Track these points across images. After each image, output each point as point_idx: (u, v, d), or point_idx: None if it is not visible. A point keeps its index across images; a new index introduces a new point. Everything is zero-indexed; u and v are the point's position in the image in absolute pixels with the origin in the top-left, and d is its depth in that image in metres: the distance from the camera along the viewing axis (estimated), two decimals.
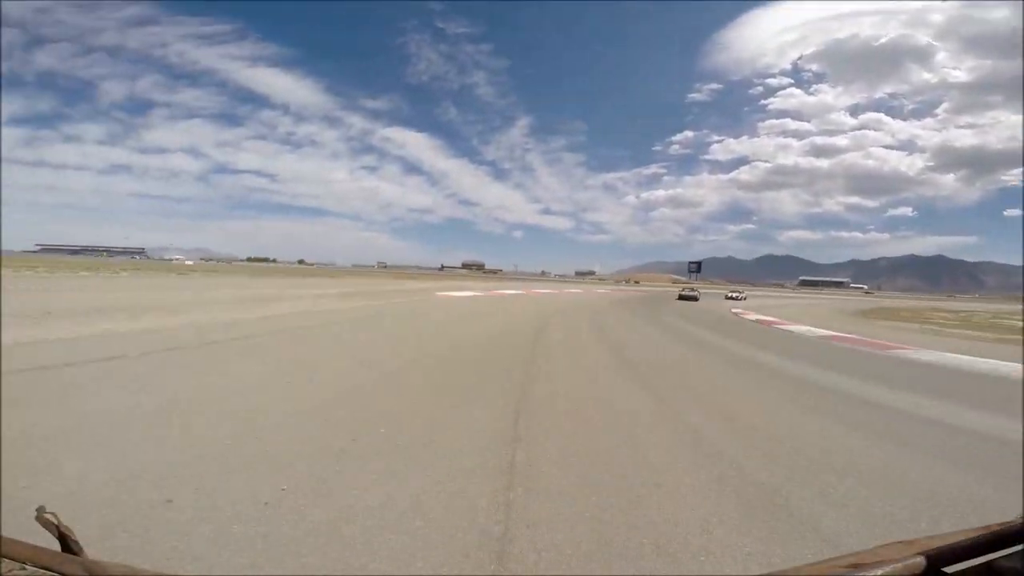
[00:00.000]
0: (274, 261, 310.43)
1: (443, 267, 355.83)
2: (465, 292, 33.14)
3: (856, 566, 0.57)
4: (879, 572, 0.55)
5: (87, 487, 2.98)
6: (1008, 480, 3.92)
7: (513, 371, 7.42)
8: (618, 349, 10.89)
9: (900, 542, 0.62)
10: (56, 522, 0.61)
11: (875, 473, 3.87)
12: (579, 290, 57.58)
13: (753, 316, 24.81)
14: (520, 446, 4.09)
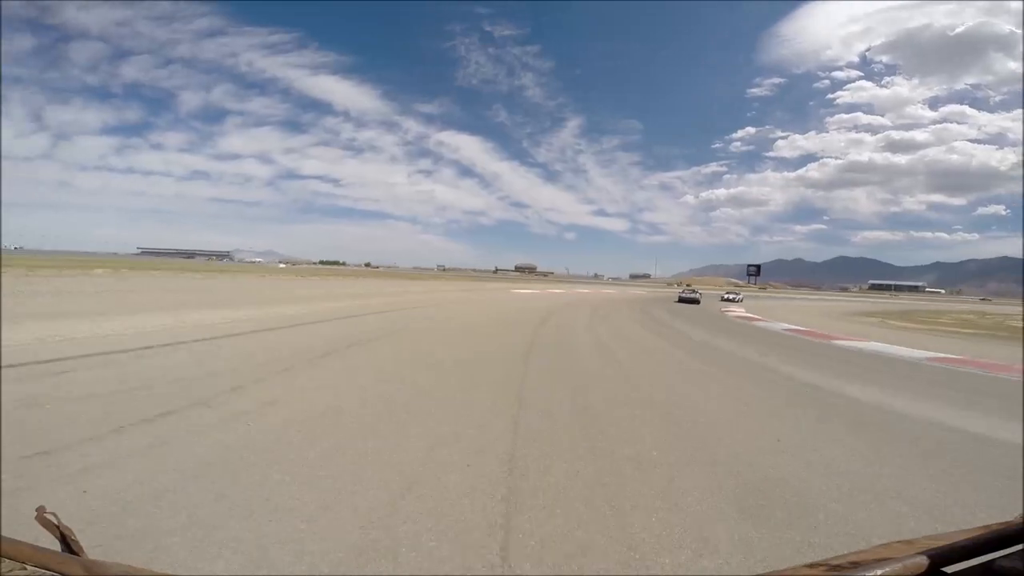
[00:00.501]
0: (343, 263, 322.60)
1: (497, 270, 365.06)
2: (527, 290, 48.46)
3: (856, 566, 0.57)
4: (879, 572, 0.55)
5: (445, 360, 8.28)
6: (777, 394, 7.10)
7: (550, 317, 18.24)
8: (603, 317, 20.43)
9: (900, 542, 0.63)
10: (56, 522, 0.61)
11: (725, 390, 7.10)
12: (613, 290, 68.21)
13: (735, 313, 27.49)
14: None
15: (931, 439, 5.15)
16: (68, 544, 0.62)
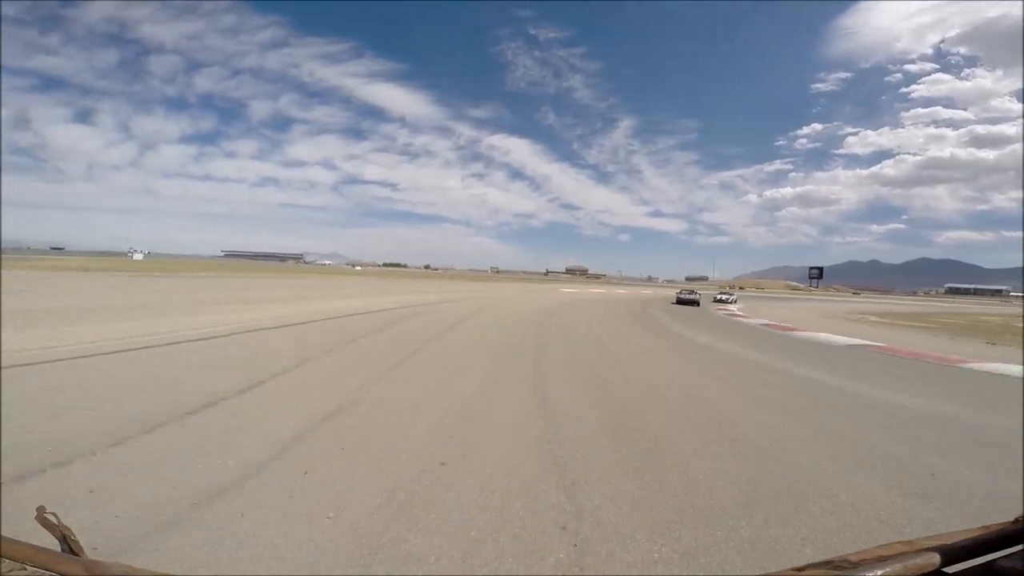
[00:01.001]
0: (404, 266, 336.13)
1: (548, 272, 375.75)
2: (570, 289, 58.90)
3: (856, 566, 0.57)
4: (879, 572, 0.55)
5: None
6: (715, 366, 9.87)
7: (579, 303, 30.43)
8: (612, 304, 30.29)
9: (900, 542, 0.62)
10: (56, 522, 0.61)
11: (678, 360, 10.29)
12: (650, 291, 72.72)
13: (723, 311, 30.19)
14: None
15: (780, 379, 8.66)
16: (68, 544, 0.62)
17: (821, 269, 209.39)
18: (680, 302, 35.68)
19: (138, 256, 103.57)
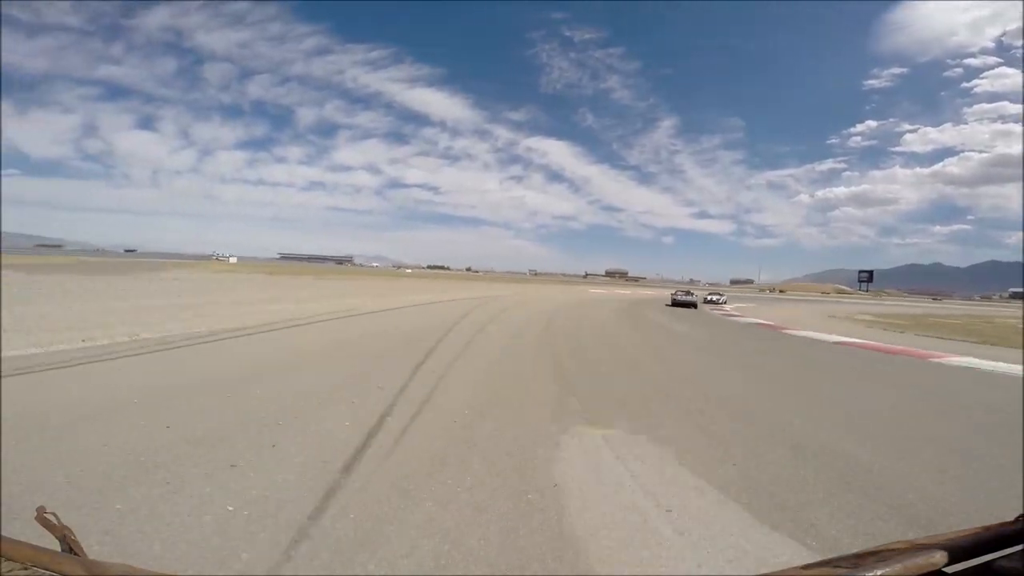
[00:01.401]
0: (447, 268, 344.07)
1: (586, 275, 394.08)
2: (598, 290, 63.37)
3: (857, 566, 0.57)
4: (879, 572, 0.55)
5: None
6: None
7: (600, 300, 36.36)
8: (620, 302, 35.03)
9: (900, 542, 0.62)
10: (56, 522, 0.62)
11: (631, 333, 14.89)
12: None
13: (720, 311, 31.08)
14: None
15: (671, 334, 15.22)
16: (68, 544, 0.63)
17: (871, 272, 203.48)
18: (676, 304, 32.04)
19: (233, 260, 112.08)
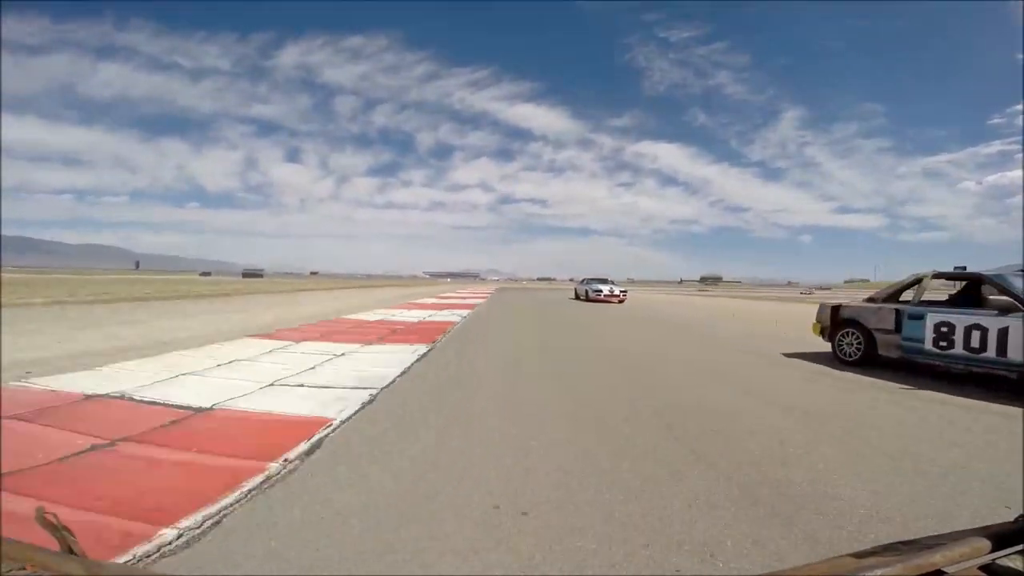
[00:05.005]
0: (553, 279, 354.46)
1: (681, 281, 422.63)
2: (659, 296, 63.21)
3: (857, 565, 0.56)
4: (879, 572, 0.54)
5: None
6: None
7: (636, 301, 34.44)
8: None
9: (900, 542, 0.62)
10: (56, 522, 0.62)
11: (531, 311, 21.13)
12: (768, 306, 75.81)
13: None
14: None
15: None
16: (68, 544, 0.63)
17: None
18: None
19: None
